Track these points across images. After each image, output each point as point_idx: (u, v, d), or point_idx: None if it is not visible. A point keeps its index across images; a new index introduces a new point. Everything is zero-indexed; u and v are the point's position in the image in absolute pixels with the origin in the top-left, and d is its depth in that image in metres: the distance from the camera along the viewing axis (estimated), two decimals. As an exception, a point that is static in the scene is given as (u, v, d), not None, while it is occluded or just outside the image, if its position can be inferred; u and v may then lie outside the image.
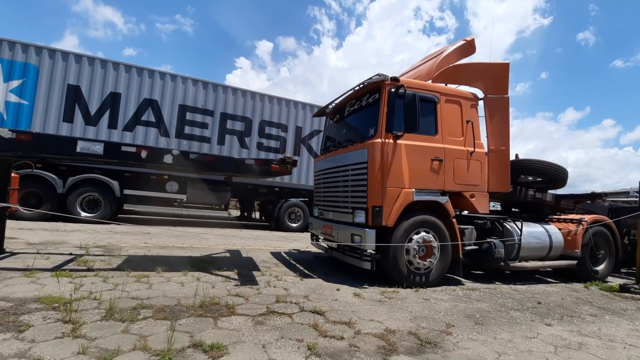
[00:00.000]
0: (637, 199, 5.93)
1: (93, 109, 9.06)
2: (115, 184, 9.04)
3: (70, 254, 4.90)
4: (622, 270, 6.69)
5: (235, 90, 10.85)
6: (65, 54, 8.86)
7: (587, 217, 6.13)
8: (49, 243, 5.64)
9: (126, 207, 9.69)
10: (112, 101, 9.26)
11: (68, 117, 8.83)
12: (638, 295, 5.03)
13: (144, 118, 9.59)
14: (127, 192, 9.26)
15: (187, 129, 10.10)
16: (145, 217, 11.57)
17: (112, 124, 9.26)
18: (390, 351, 2.50)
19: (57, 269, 3.99)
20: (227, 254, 5.93)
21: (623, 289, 5.30)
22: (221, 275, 4.32)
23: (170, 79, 9.94)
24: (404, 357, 2.42)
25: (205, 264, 4.95)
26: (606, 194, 8.48)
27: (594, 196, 7.38)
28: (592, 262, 6.03)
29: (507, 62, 5.57)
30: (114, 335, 2.37)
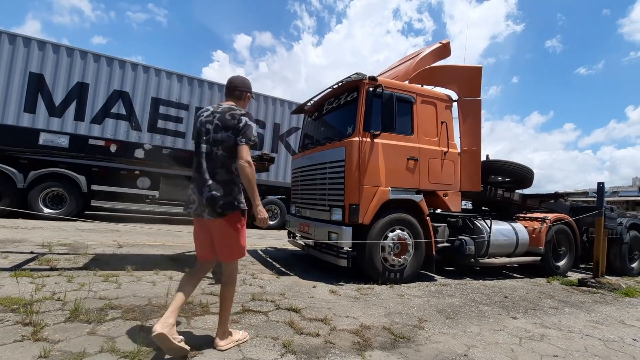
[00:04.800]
0: (595, 199, 6.30)
1: (58, 99, 8.56)
2: (82, 179, 8.59)
3: (32, 252, 4.63)
4: (580, 266, 7.11)
5: (211, 84, 10.58)
6: (28, 40, 8.31)
7: (551, 216, 6.46)
8: (8, 241, 5.30)
9: (94, 203, 9.29)
10: (79, 92, 8.77)
11: (30, 108, 8.29)
12: (594, 289, 5.37)
13: (114, 110, 9.16)
14: (94, 187, 8.82)
15: (161, 123, 9.74)
16: (115, 214, 11.12)
17: (79, 116, 8.78)
18: (365, 347, 2.54)
19: (17, 268, 3.76)
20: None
21: (581, 283, 5.64)
22: (195, 274, 4.22)
23: (143, 71, 9.55)
24: (378, 352, 2.47)
25: (178, 262, 4.82)
26: (568, 194, 8.99)
27: (557, 196, 7.79)
28: (554, 258, 6.38)
29: (480, 65, 5.76)
30: (79, 337, 2.26)
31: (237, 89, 2.49)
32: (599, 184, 6.09)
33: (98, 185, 8.86)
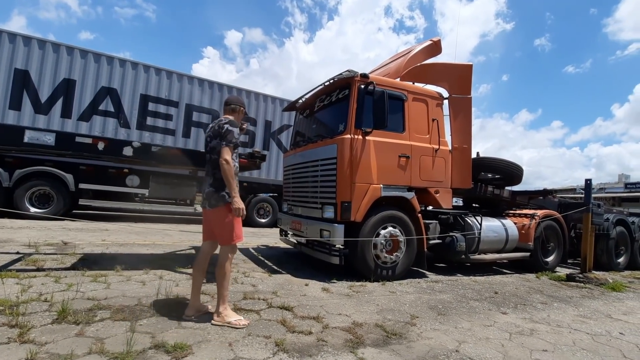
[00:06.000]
0: (583, 196, 6.41)
1: (44, 96, 8.37)
2: (69, 177, 8.43)
3: (18, 252, 4.53)
4: (568, 261, 7.23)
5: (201, 81, 10.47)
6: (13, 36, 8.10)
7: (540, 212, 6.56)
8: (-7, 241, 5.18)
9: (82, 202, 9.09)
10: (65, 88, 8.60)
11: (15, 105, 8.10)
12: (582, 284, 5.47)
13: (101, 107, 9.00)
14: (82, 186, 8.67)
15: (150, 120, 9.61)
16: (104, 213, 10.96)
17: (66, 113, 8.61)
18: (358, 344, 2.54)
19: (2, 269, 3.67)
20: (193, 251, 5.74)
21: (569, 278, 5.74)
22: (185, 273, 4.18)
23: (131, 67, 9.39)
24: (371, 349, 2.47)
25: (168, 261, 4.77)
26: (556, 191, 9.14)
27: (545, 193, 7.91)
28: (543, 254, 6.48)
29: (470, 63, 5.80)
30: (66, 339, 2.22)
31: (231, 104, 3.07)
32: (586, 180, 6.19)
33: (86, 184, 8.72)
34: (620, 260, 7.52)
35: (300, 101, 6.07)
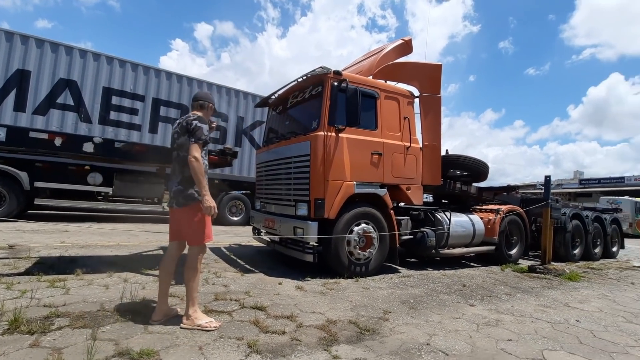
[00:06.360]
0: (543, 191, 6.78)
1: (-6, 88, 7.74)
2: (23, 175, 7.84)
3: (-37, 257, 4.16)
4: (530, 253, 7.64)
5: (169, 74, 10.07)
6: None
7: (504, 208, 6.87)
8: None
9: (38, 201, 8.52)
10: (19, 80, 7.98)
11: (-41, 96, 7.44)
12: (542, 275, 5.79)
13: (60, 101, 8.44)
14: (38, 184, 8.10)
15: (113, 115, 9.12)
16: (63, 213, 10.32)
17: (20, 107, 8.00)
18: (332, 341, 2.54)
19: (-56, 276, 3.35)
20: (161, 252, 5.52)
21: (531, 269, 6.06)
22: (153, 275, 4.01)
23: (93, 58, 8.86)
24: (344, 347, 2.48)
25: (134, 263, 4.55)
26: (518, 187, 9.61)
27: (509, 189, 8.31)
28: (507, 247, 6.80)
29: (440, 63, 5.95)
30: (19, 350, 2.05)
31: (199, 100, 2.96)
32: (545, 177, 6.54)
33: (42, 182, 8.15)
34: (576, 251, 8.03)
35: (273, 97, 5.98)
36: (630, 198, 21.56)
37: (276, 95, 5.85)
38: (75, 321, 2.52)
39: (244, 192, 11.07)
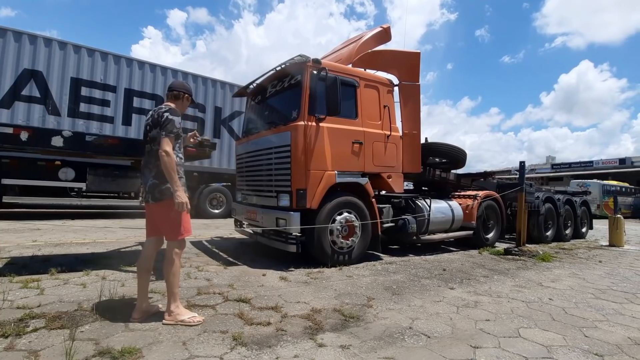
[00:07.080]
0: (517, 176, 7.02)
1: (-50, 79, 7.23)
2: (-12, 172, 7.46)
3: None
4: (506, 236, 7.93)
5: (142, 63, 9.69)
6: None
7: (481, 193, 7.07)
8: None
9: (6, 199, 8.12)
10: (-22, 71, 7.50)
11: None
12: (517, 257, 6.03)
13: (25, 93, 7.99)
14: (6, 181, 7.73)
15: (84, 107, 8.72)
16: (34, 211, 9.88)
17: (-20, 99, 7.53)
18: (317, 330, 2.56)
19: None
20: (139, 247, 5.38)
21: (507, 252, 6.30)
22: (132, 272, 3.90)
23: (59, 47, 8.40)
24: (330, 334, 2.51)
25: (112, 260, 4.42)
26: (495, 173, 9.92)
27: (486, 175, 8.54)
28: (484, 231, 7.03)
29: (419, 51, 5.97)
30: (-9, 355, 1.97)
31: (174, 90, 2.84)
32: (520, 162, 6.76)
33: (10, 179, 7.77)
34: (549, 233, 8.39)
35: (252, 87, 5.86)
36: (598, 181, 22.69)
37: (254, 84, 5.74)
38: (51, 322, 2.43)
39: (224, 184, 10.91)
